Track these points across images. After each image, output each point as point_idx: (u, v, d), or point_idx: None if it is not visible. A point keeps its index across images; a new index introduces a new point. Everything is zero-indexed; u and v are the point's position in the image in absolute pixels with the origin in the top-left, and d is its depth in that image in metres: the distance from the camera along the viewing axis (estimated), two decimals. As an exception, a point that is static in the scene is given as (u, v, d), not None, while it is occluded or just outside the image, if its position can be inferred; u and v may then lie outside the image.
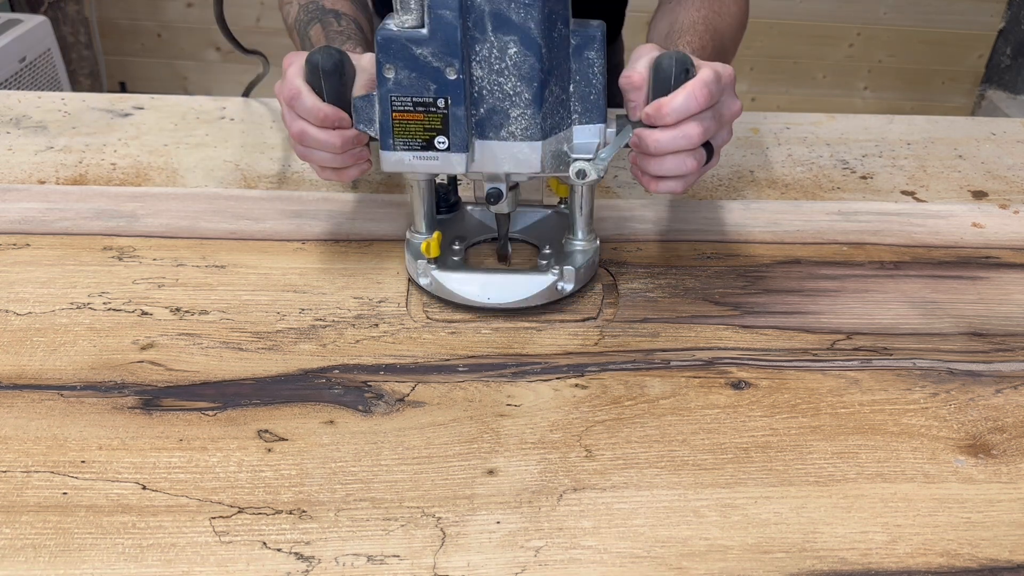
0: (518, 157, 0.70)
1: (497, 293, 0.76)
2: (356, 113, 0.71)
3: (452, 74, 0.66)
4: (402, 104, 0.68)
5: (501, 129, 0.69)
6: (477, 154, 0.70)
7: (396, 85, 0.67)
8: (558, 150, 0.71)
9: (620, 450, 0.65)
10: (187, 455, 0.63)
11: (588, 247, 0.80)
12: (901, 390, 0.71)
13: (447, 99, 0.67)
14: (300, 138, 0.73)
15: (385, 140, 0.70)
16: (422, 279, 0.78)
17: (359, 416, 0.67)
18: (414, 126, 0.69)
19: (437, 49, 0.66)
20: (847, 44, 2.80)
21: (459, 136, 0.69)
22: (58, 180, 0.94)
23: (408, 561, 0.56)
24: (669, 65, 0.68)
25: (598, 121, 0.71)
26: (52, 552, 0.56)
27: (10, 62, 2.09)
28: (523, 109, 0.68)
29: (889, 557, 0.58)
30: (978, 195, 0.99)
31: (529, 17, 0.65)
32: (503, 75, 0.67)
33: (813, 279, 0.84)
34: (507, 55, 0.66)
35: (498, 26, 0.66)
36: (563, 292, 0.77)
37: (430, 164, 0.70)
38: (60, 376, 0.69)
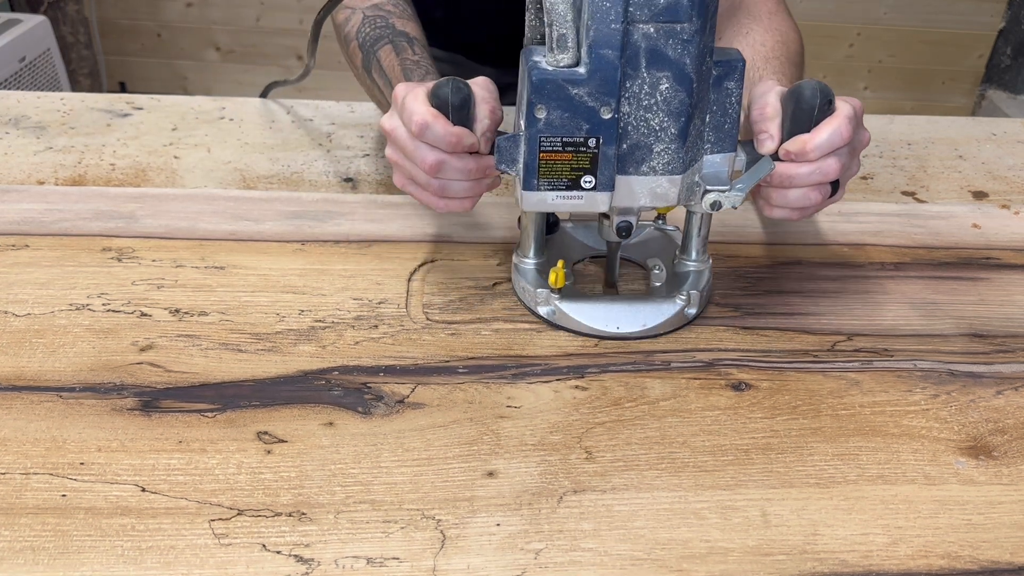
0: (656, 191, 0.68)
1: (625, 322, 0.74)
2: (499, 153, 0.68)
3: (607, 113, 0.65)
4: (551, 144, 0.66)
5: (642, 164, 0.67)
6: (615, 189, 0.68)
7: (547, 125, 0.65)
8: (691, 182, 0.69)
9: (620, 452, 0.65)
10: (186, 457, 0.63)
11: (703, 267, 0.78)
12: (902, 391, 0.71)
13: (599, 138, 0.65)
14: (437, 168, 0.69)
15: (529, 180, 0.67)
16: (542, 308, 0.76)
17: (359, 418, 0.67)
18: (561, 166, 0.67)
19: (595, 89, 0.64)
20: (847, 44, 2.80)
21: (607, 175, 0.67)
22: (57, 181, 0.94)
23: (408, 563, 0.56)
24: (813, 95, 0.67)
25: (729, 150, 0.69)
26: (51, 554, 0.56)
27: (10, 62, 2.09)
28: (667, 144, 0.66)
29: (890, 559, 0.58)
30: (979, 195, 0.99)
31: (686, 52, 0.63)
32: (651, 111, 0.65)
33: (813, 280, 0.84)
34: (658, 91, 0.64)
35: (652, 62, 0.64)
36: (689, 318, 0.76)
37: (574, 203, 0.68)
38: (59, 378, 0.69)
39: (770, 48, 0.85)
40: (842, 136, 0.67)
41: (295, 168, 0.99)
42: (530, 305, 0.77)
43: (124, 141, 1.02)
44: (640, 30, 0.62)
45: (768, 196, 0.71)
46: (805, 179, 0.68)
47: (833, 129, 0.67)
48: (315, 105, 1.12)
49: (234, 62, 2.83)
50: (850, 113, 0.68)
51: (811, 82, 0.68)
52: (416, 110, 0.68)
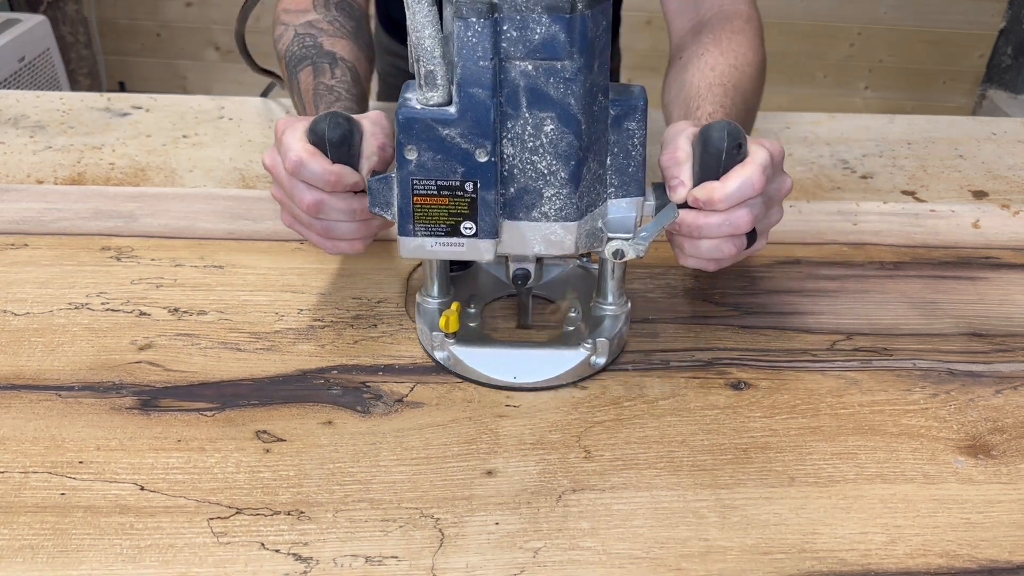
0: (550, 239, 0.64)
1: (523, 371, 0.69)
2: (371, 195, 0.64)
3: (483, 156, 0.60)
4: (425, 188, 0.61)
5: (533, 210, 0.63)
6: (505, 235, 0.64)
7: (419, 168, 0.60)
8: (592, 228, 0.65)
9: (619, 451, 0.65)
10: (185, 456, 0.63)
11: (619, 311, 0.73)
12: (901, 391, 0.71)
13: (476, 183, 0.61)
14: (316, 209, 0.65)
15: (404, 225, 0.63)
16: (438, 353, 0.70)
17: (357, 417, 0.67)
18: (437, 211, 0.62)
19: (467, 130, 0.59)
20: (847, 44, 2.80)
21: (488, 222, 0.62)
22: (56, 180, 0.94)
23: (407, 562, 0.56)
24: (720, 139, 0.62)
25: (636, 195, 0.64)
26: (50, 553, 0.56)
27: (9, 61, 2.09)
28: (558, 189, 0.62)
29: (888, 558, 0.58)
30: (979, 195, 0.99)
31: (569, 92, 0.59)
32: (537, 153, 0.61)
33: (813, 279, 0.84)
34: (543, 132, 0.60)
35: (534, 102, 0.59)
36: (596, 367, 0.70)
37: (454, 251, 0.64)
38: (58, 377, 0.69)
39: (719, 73, 0.79)
40: (753, 187, 0.62)
41: (294, 167, 0.98)
42: (426, 348, 0.72)
43: (123, 140, 1.02)
44: (517, 67, 0.58)
45: (680, 245, 0.67)
46: (715, 230, 0.64)
47: (744, 179, 0.62)
48: (314, 104, 1.12)
49: (234, 62, 2.82)
50: (764, 160, 0.63)
51: (720, 124, 0.63)
52: (292, 147, 0.64)
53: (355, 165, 0.66)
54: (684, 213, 0.64)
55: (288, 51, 0.84)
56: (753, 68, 0.82)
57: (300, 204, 0.65)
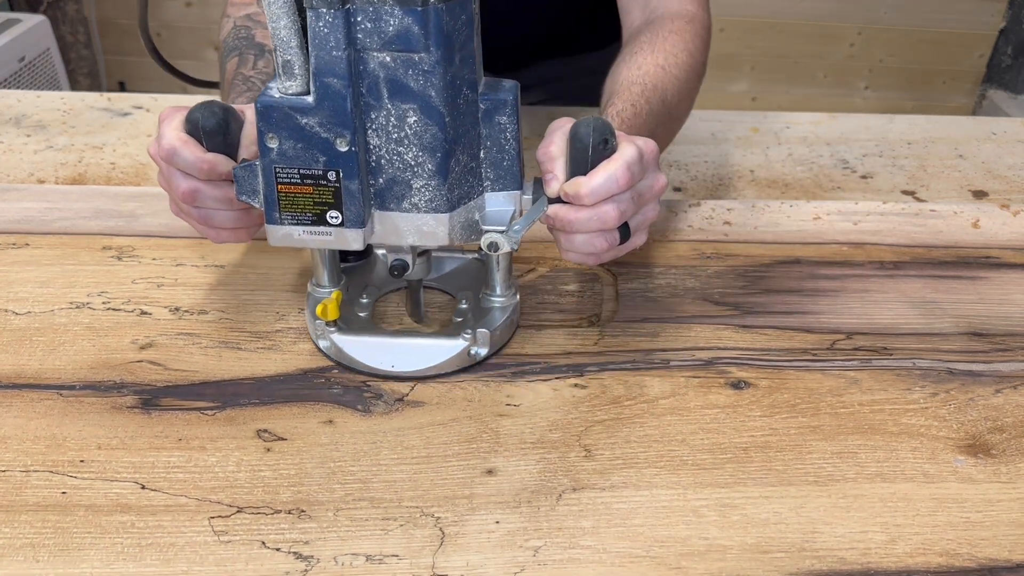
0: (423, 229, 0.64)
1: (402, 360, 0.69)
2: (237, 183, 0.63)
3: (343, 146, 0.60)
4: (288, 176, 0.61)
5: (403, 200, 0.63)
6: (378, 225, 0.65)
7: (280, 156, 0.61)
8: (468, 220, 0.65)
9: (619, 450, 0.65)
10: (186, 455, 0.63)
11: (507, 303, 0.73)
12: (901, 390, 0.71)
13: (338, 172, 0.61)
14: (192, 197, 0.65)
15: (271, 213, 0.63)
16: (320, 342, 0.71)
17: (358, 416, 0.67)
18: (303, 199, 0.62)
19: (325, 119, 0.59)
20: (848, 44, 2.80)
21: (353, 211, 0.62)
22: (57, 180, 0.94)
23: (407, 561, 0.56)
24: (586, 134, 0.62)
25: (512, 188, 0.66)
26: (51, 551, 0.56)
27: (9, 61, 2.09)
28: (427, 180, 0.62)
29: (888, 557, 0.58)
30: (979, 195, 0.99)
31: (429, 85, 0.59)
32: (403, 144, 0.61)
33: (813, 279, 0.84)
34: (406, 124, 0.60)
35: (395, 93, 0.59)
36: (476, 357, 0.71)
37: (323, 239, 0.64)
38: (59, 376, 0.69)
39: (643, 72, 0.79)
40: (617, 182, 0.62)
41: (295, 167, 0.99)
42: (313, 338, 0.72)
43: (124, 140, 1.02)
44: (375, 59, 0.59)
45: (558, 240, 0.67)
46: (584, 225, 0.64)
47: (608, 175, 0.62)
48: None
49: (234, 62, 2.83)
50: (630, 157, 0.63)
51: (588, 119, 0.63)
52: (165, 135, 0.65)
53: (233, 155, 0.66)
54: (556, 207, 0.65)
55: (224, 43, 0.85)
56: (681, 69, 0.82)
57: (176, 192, 0.66)
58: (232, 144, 0.66)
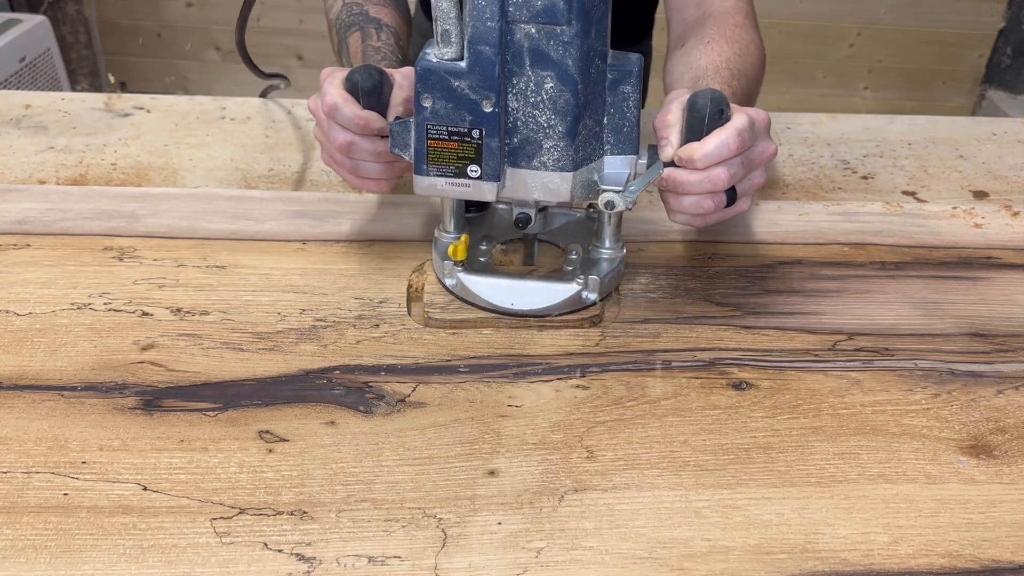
0: (548, 186, 0.71)
1: (520, 299, 0.76)
2: (392, 137, 0.71)
3: (488, 107, 0.67)
4: (437, 132, 0.68)
5: (533, 159, 0.70)
6: (508, 181, 0.71)
7: (433, 114, 0.68)
8: (588, 180, 0.71)
9: (621, 451, 0.65)
10: (188, 456, 0.63)
11: (614, 255, 0.79)
12: (903, 391, 0.71)
13: (482, 130, 0.68)
14: (347, 149, 0.73)
15: (419, 165, 0.70)
16: (447, 280, 0.78)
17: (360, 417, 0.67)
18: (448, 154, 0.69)
19: (475, 82, 0.66)
20: (847, 44, 2.80)
21: (491, 166, 0.69)
22: (58, 180, 0.94)
23: (409, 562, 0.56)
24: (704, 104, 0.68)
25: (630, 152, 0.71)
26: (53, 553, 0.56)
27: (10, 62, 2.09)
28: (556, 141, 0.69)
29: (891, 558, 0.58)
30: (979, 195, 0.99)
31: (567, 54, 0.65)
32: (538, 108, 0.68)
33: (814, 279, 0.84)
34: (543, 89, 0.67)
35: (536, 61, 0.66)
36: (587, 301, 0.77)
37: (462, 191, 0.71)
38: (61, 377, 0.69)
39: (725, 59, 0.85)
40: (729, 147, 0.67)
41: (296, 167, 0.99)
42: (439, 276, 0.79)
43: (125, 141, 1.02)
44: (522, 30, 0.65)
45: (666, 201, 0.73)
46: (695, 187, 0.69)
47: (720, 140, 0.67)
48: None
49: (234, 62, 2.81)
50: (742, 125, 0.68)
51: (705, 91, 0.69)
52: (328, 92, 0.72)
53: (384, 113, 0.74)
54: (670, 170, 0.70)
55: (338, 19, 0.92)
56: (756, 59, 0.89)
57: (334, 143, 0.73)
58: (384, 104, 0.74)
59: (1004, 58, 2.79)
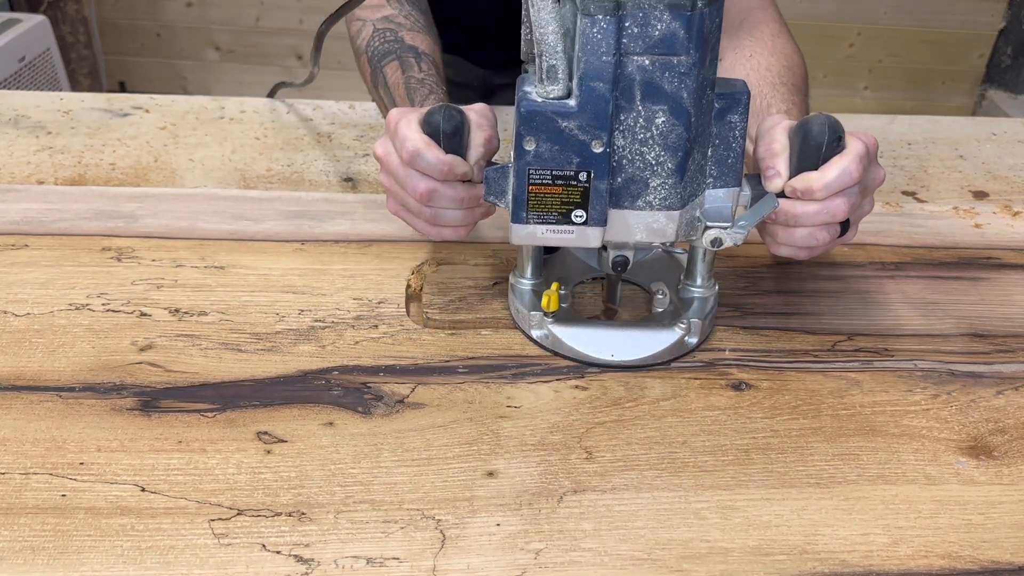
0: (653, 227, 0.66)
1: (621, 350, 0.71)
2: (488, 185, 0.67)
3: (598, 147, 0.62)
4: (540, 177, 0.64)
5: (638, 199, 0.65)
6: (610, 223, 0.66)
7: (536, 158, 0.63)
8: (692, 216, 0.67)
9: (620, 452, 0.65)
10: (186, 457, 0.63)
11: (707, 293, 0.75)
12: (902, 391, 0.71)
13: (590, 172, 0.63)
14: (428, 197, 0.68)
15: (518, 213, 0.66)
16: (535, 331, 0.73)
17: (359, 418, 0.67)
18: (551, 199, 0.65)
19: (585, 122, 0.62)
20: (847, 44, 2.80)
21: (598, 210, 0.65)
22: (57, 180, 0.94)
23: (408, 563, 0.56)
24: (820, 132, 0.64)
25: (734, 185, 0.67)
26: (50, 554, 0.56)
27: (9, 62, 2.08)
28: (664, 179, 0.64)
29: (890, 559, 0.58)
30: (979, 195, 0.99)
31: (683, 86, 0.61)
32: (647, 144, 0.63)
33: (814, 280, 0.84)
34: (654, 124, 0.62)
35: (648, 95, 0.61)
36: (690, 347, 0.73)
37: (564, 238, 0.67)
38: (59, 377, 0.69)
39: (776, 73, 0.82)
40: (851, 176, 0.64)
41: (295, 168, 0.99)
42: (524, 328, 0.74)
43: (124, 141, 1.02)
44: (634, 62, 0.60)
45: (774, 234, 0.69)
46: (812, 219, 0.66)
47: (842, 169, 0.64)
48: (315, 104, 1.12)
49: (234, 62, 2.82)
50: (861, 151, 0.65)
51: (819, 117, 0.66)
52: (408, 137, 0.67)
53: (464, 155, 0.68)
54: (782, 202, 0.66)
55: (369, 46, 0.87)
56: (802, 69, 0.86)
57: (413, 192, 0.68)
58: (464, 146, 0.68)
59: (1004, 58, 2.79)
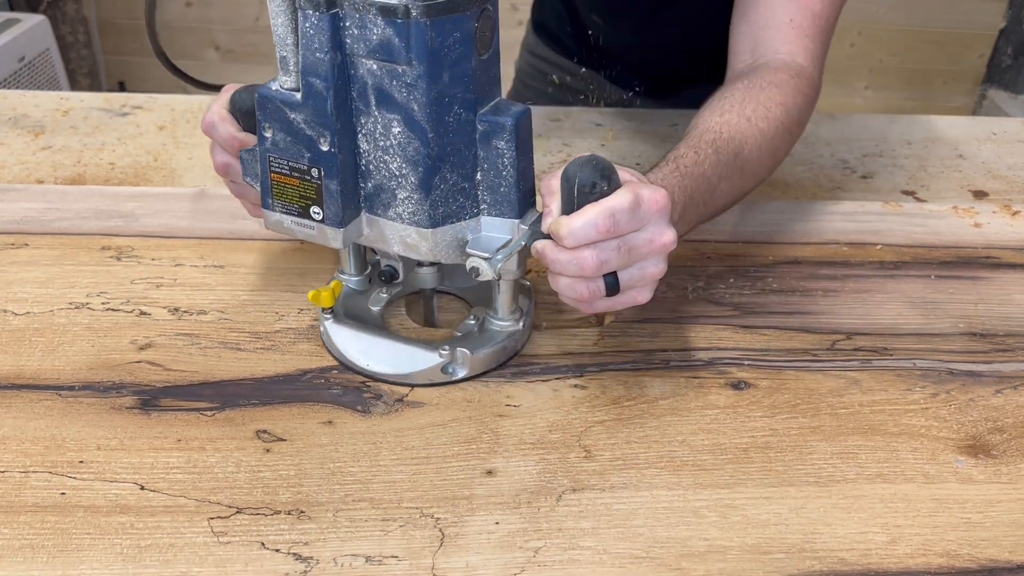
0: (407, 241, 0.65)
1: (379, 362, 0.69)
2: (243, 166, 0.67)
3: (324, 145, 0.62)
4: (279, 166, 0.64)
5: (389, 208, 0.64)
6: (367, 228, 0.66)
7: (273, 146, 0.64)
8: (457, 239, 0.65)
9: (619, 450, 0.65)
10: (185, 455, 0.63)
11: (508, 328, 0.71)
12: (901, 390, 0.71)
13: (320, 170, 0.63)
14: (224, 170, 0.70)
15: (265, 199, 0.67)
16: (319, 324, 0.73)
17: (358, 416, 0.67)
18: (291, 191, 0.65)
19: (310, 117, 0.61)
20: (848, 43, 2.80)
21: (332, 210, 0.64)
22: (56, 180, 0.94)
23: (407, 562, 0.56)
24: (574, 174, 0.59)
25: (509, 216, 0.64)
26: (50, 552, 0.56)
27: (9, 61, 2.09)
28: (410, 192, 0.63)
29: (889, 558, 0.58)
30: (979, 195, 0.99)
31: (412, 99, 0.59)
32: (388, 153, 0.62)
33: (813, 279, 0.84)
34: (391, 133, 0.61)
35: (381, 102, 0.60)
36: (451, 375, 0.69)
37: (307, 232, 0.66)
38: (58, 376, 0.69)
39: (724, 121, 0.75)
40: (596, 228, 0.57)
41: (295, 167, 0.98)
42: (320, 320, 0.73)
43: (123, 140, 1.02)
44: (364, 65, 0.60)
45: (548, 277, 0.63)
46: (564, 267, 0.60)
47: (587, 219, 0.57)
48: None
49: (234, 62, 2.82)
50: (620, 205, 0.58)
51: (584, 159, 0.59)
52: (211, 109, 0.69)
53: None
54: (543, 243, 0.61)
55: None
56: (770, 124, 0.76)
57: (214, 164, 0.71)
58: None
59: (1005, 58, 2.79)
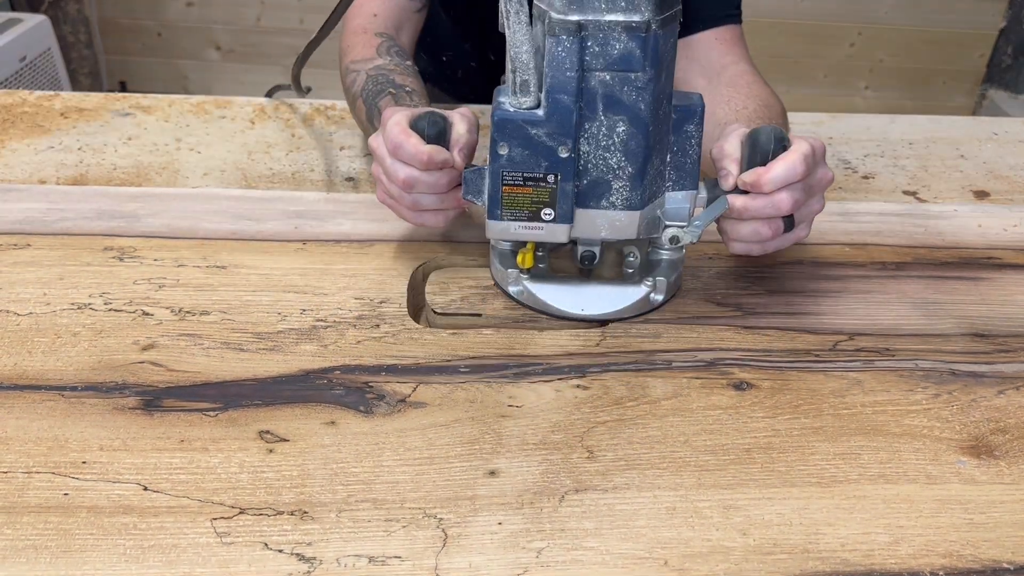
0: (615, 225, 0.72)
1: (590, 304, 0.77)
2: (465, 184, 0.74)
3: (564, 152, 0.69)
4: (513, 179, 0.70)
5: (602, 199, 0.71)
6: (577, 221, 0.72)
7: (509, 161, 0.70)
8: (652, 216, 0.73)
9: (622, 451, 0.65)
10: (188, 456, 0.63)
11: (674, 256, 0.79)
12: (903, 391, 0.71)
13: (557, 175, 0.70)
14: (409, 184, 0.73)
15: (493, 210, 0.72)
16: (511, 287, 0.78)
17: (360, 417, 0.67)
18: (522, 198, 0.71)
19: (552, 130, 0.68)
20: (848, 43, 2.80)
21: (565, 208, 0.71)
22: (58, 180, 0.94)
23: (410, 562, 0.56)
24: (767, 139, 0.70)
25: (691, 188, 0.73)
26: (53, 553, 0.56)
27: (10, 61, 2.08)
28: (625, 181, 0.70)
29: (891, 558, 0.58)
30: (980, 195, 0.99)
31: (640, 99, 0.67)
32: (609, 151, 0.69)
33: (815, 280, 0.84)
34: (615, 133, 0.68)
35: (609, 107, 0.68)
36: (655, 303, 0.78)
37: (535, 233, 0.73)
38: (61, 377, 0.69)
39: (752, 111, 0.87)
40: (795, 171, 0.69)
41: (297, 167, 0.99)
42: (502, 285, 0.79)
43: (125, 140, 1.02)
44: (596, 77, 0.67)
45: (724, 230, 0.74)
46: (759, 212, 0.70)
47: (787, 165, 0.69)
48: (317, 104, 1.12)
49: (235, 62, 2.82)
50: (806, 151, 0.70)
51: (767, 127, 0.72)
52: (393, 130, 0.73)
53: None
54: (733, 197, 0.71)
55: (364, 89, 0.92)
56: (778, 108, 0.90)
57: (395, 179, 0.74)
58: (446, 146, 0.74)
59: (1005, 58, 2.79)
